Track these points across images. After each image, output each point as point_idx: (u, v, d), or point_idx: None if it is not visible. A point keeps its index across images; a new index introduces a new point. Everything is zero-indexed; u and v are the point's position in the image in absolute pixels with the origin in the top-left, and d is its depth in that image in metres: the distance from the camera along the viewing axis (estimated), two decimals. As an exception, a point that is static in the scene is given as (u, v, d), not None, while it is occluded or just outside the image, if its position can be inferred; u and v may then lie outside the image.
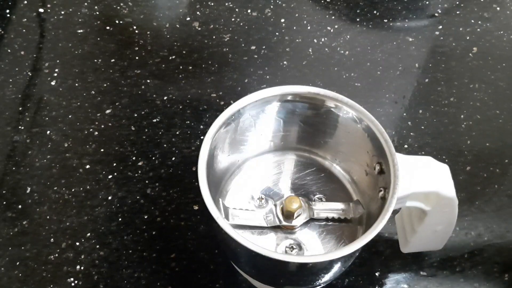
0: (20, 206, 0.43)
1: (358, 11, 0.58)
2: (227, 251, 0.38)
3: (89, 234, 0.41)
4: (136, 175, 0.45)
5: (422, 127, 0.49)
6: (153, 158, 0.46)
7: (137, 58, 0.53)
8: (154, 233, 0.42)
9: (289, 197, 0.37)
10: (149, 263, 0.40)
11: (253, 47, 0.54)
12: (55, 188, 0.44)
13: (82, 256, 0.40)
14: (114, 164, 0.45)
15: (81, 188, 0.44)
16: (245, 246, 0.29)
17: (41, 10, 0.56)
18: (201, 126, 0.48)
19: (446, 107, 0.51)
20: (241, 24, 0.56)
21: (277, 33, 0.56)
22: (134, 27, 0.55)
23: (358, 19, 0.57)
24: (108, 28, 0.55)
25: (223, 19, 0.57)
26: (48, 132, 0.47)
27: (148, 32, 0.55)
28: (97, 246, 0.41)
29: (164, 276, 0.40)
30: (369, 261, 0.41)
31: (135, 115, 0.49)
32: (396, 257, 0.41)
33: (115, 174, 0.45)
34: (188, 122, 0.48)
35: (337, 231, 0.38)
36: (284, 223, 0.37)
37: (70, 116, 0.48)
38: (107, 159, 0.46)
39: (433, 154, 0.44)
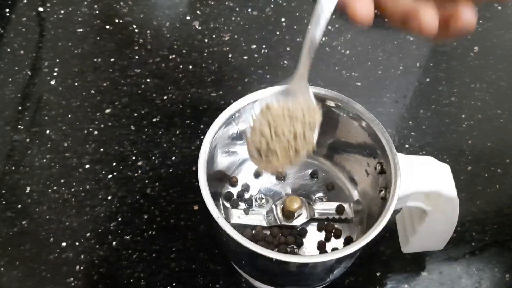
0: (19, 206, 0.42)
1: (358, 10, 0.58)
2: (227, 251, 0.38)
3: (88, 234, 0.41)
4: (136, 174, 0.45)
5: (423, 127, 0.49)
6: (153, 157, 0.46)
7: (137, 57, 0.53)
8: (154, 233, 0.41)
9: (290, 197, 0.37)
10: (149, 263, 0.40)
11: (254, 46, 0.54)
12: (55, 187, 0.43)
13: (82, 256, 0.40)
14: (114, 164, 0.45)
15: (81, 188, 0.44)
16: (245, 246, 0.29)
17: (40, 9, 0.56)
18: (201, 126, 0.48)
19: (447, 107, 0.50)
20: (242, 23, 0.56)
21: (277, 32, 0.56)
22: (134, 26, 0.55)
23: (358, 18, 0.57)
24: (107, 27, 0.55)
25: (223, 18, 0.57)
26: (48, 131, 0.47)
27: (148, 31, 0.55)
28: (97, 246, 0.41)
29: (164, 276, 0.39)
30: (369, 261, 0.41)
31: (135, 114, 0.49)
32: (397, 257, 0.41)
33: (115, 173, 0.45)
34: (188, 121, 0.48)
35: (337, 231, 0.38)
36: (284, 223, 0.37)
37: (69, 116, 0.48)
38: (107, 158, 0.46)
39: (434, 154, 0.44)
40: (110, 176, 0.44)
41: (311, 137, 0.30)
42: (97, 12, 0.56)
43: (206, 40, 0.55)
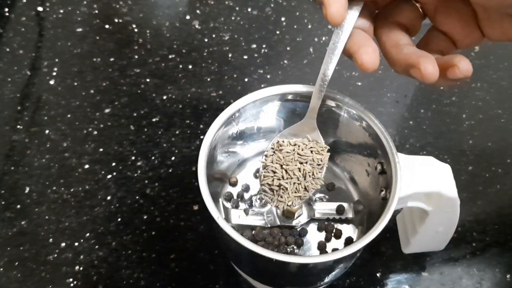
0: (18, 206, 0.42)
1: (359, 9, 0.58)
2: (227, 252, 0.38)
3: (88, 234, 0.41)
4: (136, 175, 0.44)
5: (424, 127, 0.49)
6: (153, 158, 0.46)
7: (136, 57, 0.53)
8: (153, 233, 0.41)
9: (290, 197, 0.37)
10: (149, 264, 0.40)
11: (254, 46, 0.54)
12: (54, 188, 0.43)
13: (81, 257, 0.40)
14: (113, 164, 0.45)
15: (80, 188, 0.43)
16: (245, 247, 0.29)
17: (40, 8, 0.56)
18: (201, 126, 0.48)
19: (448, 107, 0.50)
20: (241, 22, 0.56)
21: (277, 32, 0.55)
22: (134, 26, 0.55)
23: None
24: (107, 27, 0.55)
25: (223, 17, 0.56)
26: (47, 131, 0.47)
27: (148, 31, 0.55)
28: (96, 247, 0.41)
29: (163, 276, 0.39)
30: (370, 261, 0.41)
31: (135, 114, 0.48)
32: (398, 258, 0.41)
33: (114, 174, 0.44)
34: (188, 121, 0.48)
35: (338, 231, 0.37)
36: (284, 223, 0.37)
37: (69, 116, 0.48)
38: (106, 158, 0.45)
39: (434, 154, 0.44)
40: (109, 176, 0.44)
41: (320, 174, 0.33)
42: (96, 11, 0.56)
43: (206, 40, 0.54)
